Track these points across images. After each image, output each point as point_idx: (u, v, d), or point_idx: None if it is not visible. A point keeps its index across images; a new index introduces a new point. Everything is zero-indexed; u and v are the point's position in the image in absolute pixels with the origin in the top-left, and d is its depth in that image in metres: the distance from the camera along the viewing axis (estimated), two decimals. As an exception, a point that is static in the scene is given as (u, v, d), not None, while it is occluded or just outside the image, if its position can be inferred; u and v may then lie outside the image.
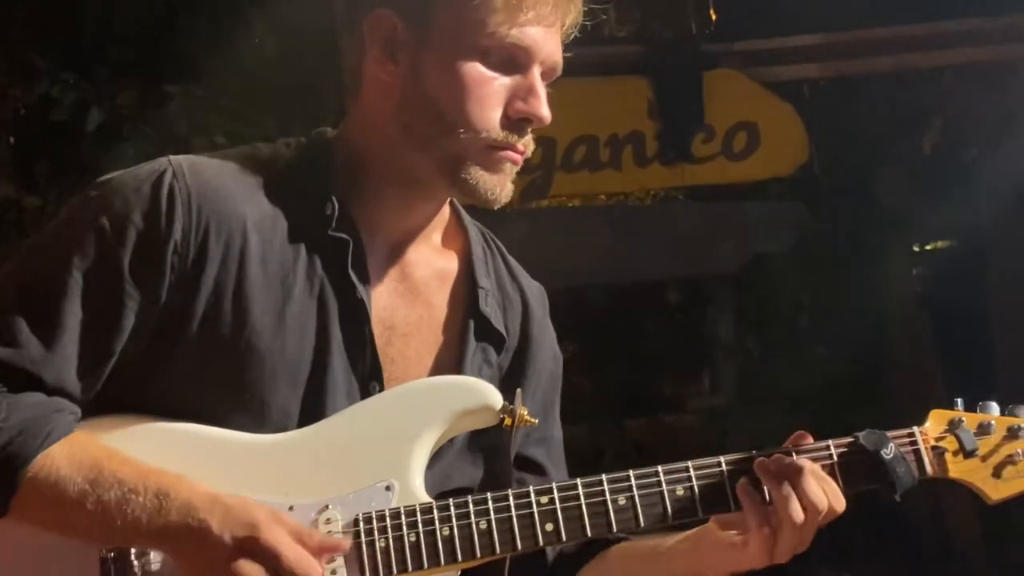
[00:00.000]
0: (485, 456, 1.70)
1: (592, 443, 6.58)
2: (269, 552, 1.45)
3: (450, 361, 1.69)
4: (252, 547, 1.45)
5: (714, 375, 6.78)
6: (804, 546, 1.57)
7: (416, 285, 1.70)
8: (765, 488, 1.56)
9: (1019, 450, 1.62)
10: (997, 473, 1.62)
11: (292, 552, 1.46)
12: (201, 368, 1.55)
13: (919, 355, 6.20)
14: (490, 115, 1.60)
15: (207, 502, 1.48)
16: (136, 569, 1.51)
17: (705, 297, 6.58)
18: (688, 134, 5.57)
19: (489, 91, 1.60)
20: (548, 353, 1.82)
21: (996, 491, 1.62)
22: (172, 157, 1.61)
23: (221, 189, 1.59)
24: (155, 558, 1.51)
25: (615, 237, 5.75)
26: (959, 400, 1.67)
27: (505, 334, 1.74)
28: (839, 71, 5.72)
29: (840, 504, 1.56)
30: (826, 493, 1.55)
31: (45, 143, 5.57)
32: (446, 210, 1.75)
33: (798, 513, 1.53)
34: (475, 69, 1.60)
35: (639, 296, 6.55)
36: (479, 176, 1.61)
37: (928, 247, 6.72)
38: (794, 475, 1.55)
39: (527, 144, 1.64)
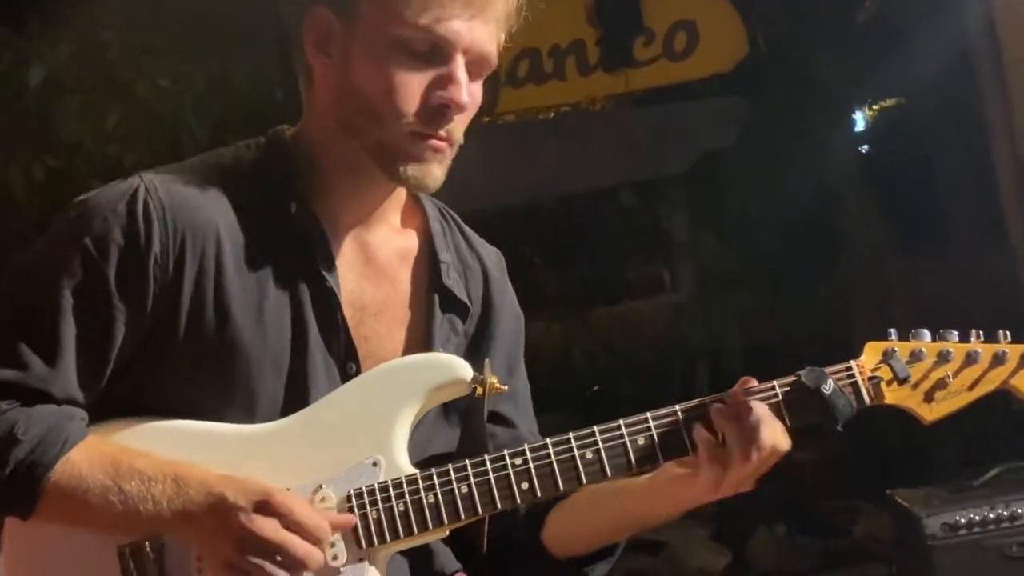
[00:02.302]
0: (461, 420, 1.83)
1: (561, 343, 6.76)
2: (283, 509, 1.59)
3: (420, 334, 1.82)
4: (266, 507, 1.59)
5: (673, 271, 6.94)
6: (748, 486, 1.71)
7: (381, 266, 1.82)
8: (719, 431, 1.69)
9: (949, 373, 1.74)
10: (929, 396, 1.74)
11: (305, 511, 1.61)
12: (191, 368, 1.68)
13: (868, 226, 6.35)
14: (409, 104, 1.69)
15: (220, 479, 1.62)
16: (151, 558, 1.64)
17: (658, 197, 6.70)
18: (628, 38, 5.63)
19: (409, 81, 1.69)
20: (510, 314, 1.94)
21: (930, 412, 1.75)
22: (143, 174, 1.72)
23: (191, 201, 1.70)
24: (169, 546, 1.64)
25: (566, 147, 5.84)
26: (892, 331, 1.78)
27: (468, 303, 1.87)
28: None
29: (785, 444, 1.69)
30: (774, 435, 1.67)
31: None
32: (401, 191, 1.85)
33: (750, 454, 1.66)
34: (396, 60, 1.68)
35: (594, 203, 6.66)
36: (405, 165, 1.71)
37: (874, 109, 6.79)
38: (745, 417, 1.67)
39: (451, 131, 1.72)
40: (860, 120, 6.74)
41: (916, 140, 6.19)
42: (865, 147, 6.63)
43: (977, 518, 3.49)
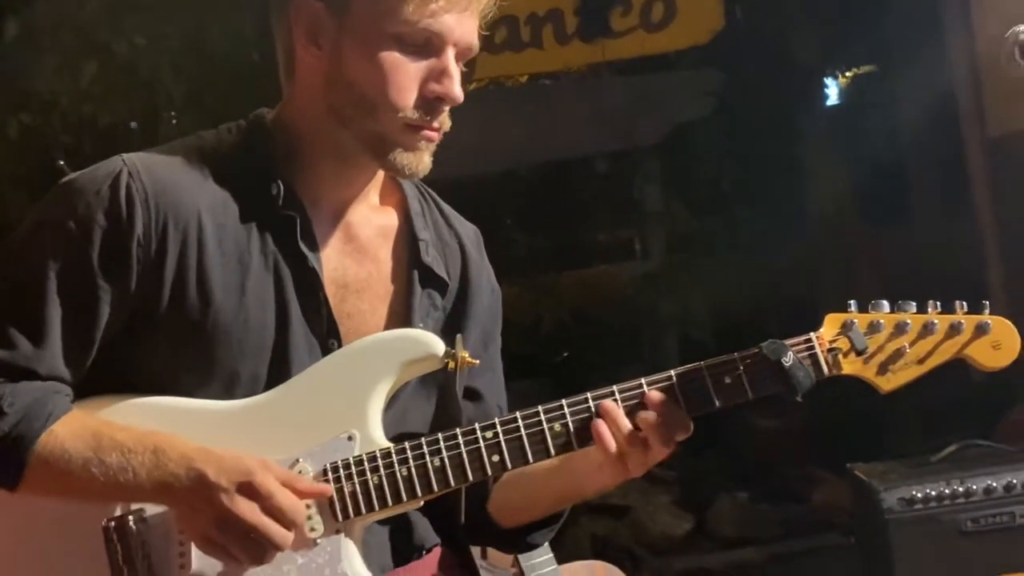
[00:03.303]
0: (436, 393, 1.88)
1: (531, 308, 6.81)
2: (263, 492, 1.64)
3: (400, 309, 1.86)
4: (247, 489, 1.64)
5: (644, 240, 7.01)
6: (646, 467, 1.75)
7: (362, 245, 1.86)
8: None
9: (906, 344, 1.77)
10: (886, 367, 1.78)
11: (283, 494, 1.65)
12: (174, 347, 1.72)
13: (837, 197, 6.43)
14: (406, 97, 1.73)
15: (201, 453, 1.66)
16: (134, 529, 1.68)
17: (632, 167, 6.75)
18: (606, 8, 5.65)
19: (404, 75, 1.73)
20: (486, 290, 1.99)
21: (887, 382, 1.78)
22: (126, 157, 1.75)
23: (174, 183, 1.73)
24: (152, 521, 1.69)
25: (541, 115, 5.87)
26: (852, 303, 1.82)
27: (447, 279, 1.91)
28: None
29: (685, 430, 1.73)
30: (658, 424, 1.72)
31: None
32: (382, 171, 1.89)
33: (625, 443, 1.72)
34: (391, 54, 1.72)
35: (568, 171, 6.71)
36: (398, 154, 1.76)
37: (847, 76, 6.82)
38: (605, 415, 1.73)
39: (443, 121, 1.78)
40: (833, 89, 6.80)
41: (888, 111, 6.25)
42: (836, 118, 6.69)
43: (933, 493, 3.57)
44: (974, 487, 3.57)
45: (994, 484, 3.56)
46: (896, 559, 3.58)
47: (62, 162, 3.60)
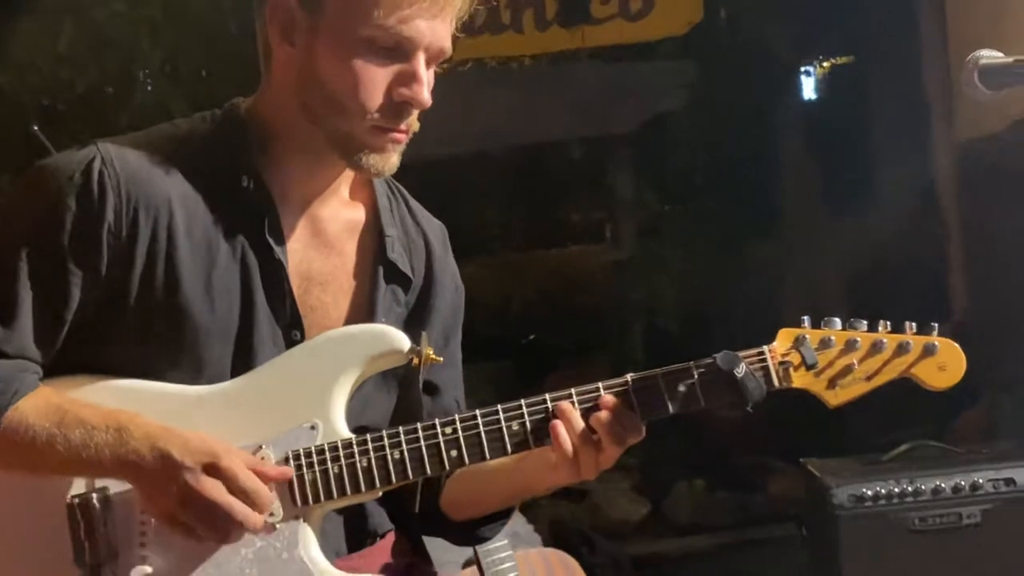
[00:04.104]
0: (398, 386, 1.93)
1: (500, 288, 6.85)
2: (228, 474, 1.68)
3: (363, 303, 1.90)
4: (213, 469, 1.68)
5: (615, 228, 7.06)
6: (598, 469, 1.79)
7: (329, 238, 1.90)
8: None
9: (855, 361, 1.83)
10: (834, 382, 1.84)
11: (248, 476, 1.70)
12: (141, 332, 1.76)
13: (806, 193, 6.49)
14: (374, 100, 1.77)
15: (165, 433, 1.70)
16: (97, 506, 1.72)
17: (605, 154, 6.80)
18: (587, -6, 5.70)
19: (374, 78, 1.76)
20: (450, 287, 2.03)
21: (835, 397, 1.84)
22: (100, 143, 1.79)
23: (146, 172, 1.77)
24: (115, 499, 1.73)
25: (518, 99, 5.89)
26: (806, 318, 1.87)
27: (411, 275, 1.95)
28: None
29: (637, 433, 1.78)
30: (611, 427, 1.76)
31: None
32: None
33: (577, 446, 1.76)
34: (361, 57, 1.75)
35: (542, 155, 6.74)
36: (365, 155, 1.80)
37: (824, 66, 6.87)
38: (562, 416, 1.77)
39: (411, 124, 1.81)
40: (808, 84, 6.84)
41: (861, 109, 6.31)
42: (810, 113, 6.74)
43: (883, 491, 3.65)
44: (923, 487, 3.65)
45: (943, 485, 3.65)
46: (844, 554, 3.66)
47: (36, 127, 3.60)
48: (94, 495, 1.72)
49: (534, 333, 6.52)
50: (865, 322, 1.85)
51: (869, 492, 3.65)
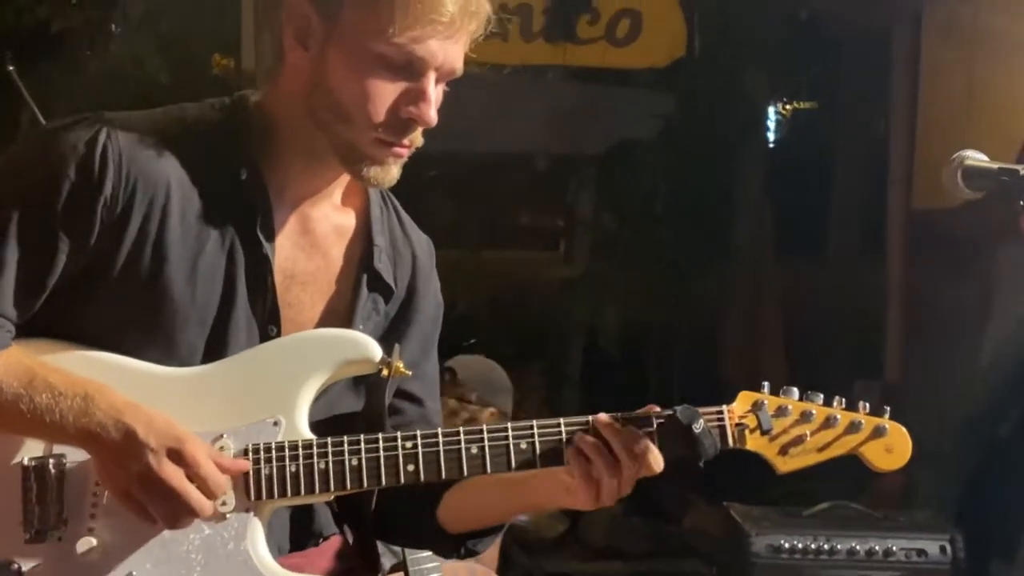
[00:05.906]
0: (366, 391, 1.94)
1: (447, 288, 6.87)
2: (190, 461, 1.70)
3: (342, 308, 1.92)
4: (176, 455, 1.69)
5: (569, 245, 7.11)
6: (624, 493, 1.84)
7: (316, 240, 1.92)
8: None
9: (807, 432, 1.89)
10: (785, 450, 1.89)
11: (209, 465, 1.71)
12: (120, 307, 1.78)
13: (758, 230, 6.58)
14: (380, 115, 1.79)
15: (131, 408, 1.71)
16: (52, 473, 1.74)
17: (570, 172, 6.85)
18: (574, 13, 5.74)
19: (382, 93, 1.78)
20: (431, 302, 2.06)
21: (784, 464, 1.90)
22: (106, 115, 1.80)
23: (149, 152, 1.78)
24: (71, 468, 1.74)
25: (493, 105, 5.92)
26: (766, 384, 1.92)
27: (394, 287, 1.98)
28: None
29: (657, 466, 1.82)
30: (638, 458, 1.81)
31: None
32: None
33: (614, 473, 1.81)
34: (372, 72, 1.77)
35: (507, 164, 6.78)
36: (366, 166, 1.83)
37: (787, 108, 6.98)
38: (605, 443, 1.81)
39: (414, 139, 1.84)
40: (774, 127, 6.95)
41: (824, 157, 6.43)
42: (775, 155, 6.85)
43: (800, 546, 3.75)
44: (839, 547, 3.76)
45: (858, 547, 3.77)
46: (755, 601, 3.76)
47: (12, 67, 3.55)
48: (51, 460, 1.74)
49: (475, 338, 6.55)
50: (822, 396, 1.91)
51: (787, 545, 3.75)
